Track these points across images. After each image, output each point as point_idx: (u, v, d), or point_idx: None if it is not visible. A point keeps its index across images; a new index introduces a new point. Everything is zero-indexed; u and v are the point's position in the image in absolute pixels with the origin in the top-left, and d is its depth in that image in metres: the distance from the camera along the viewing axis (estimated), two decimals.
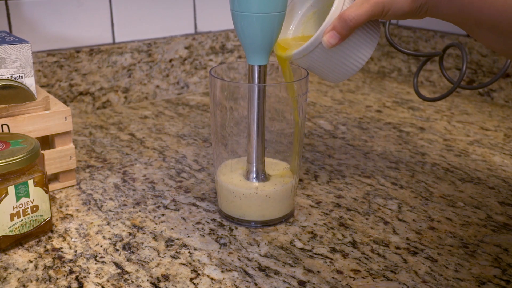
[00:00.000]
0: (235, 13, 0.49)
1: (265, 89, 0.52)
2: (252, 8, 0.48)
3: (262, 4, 0.48)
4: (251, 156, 0.54)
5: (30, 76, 0.59)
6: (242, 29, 0.50)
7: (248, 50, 0.51)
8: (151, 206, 0.59)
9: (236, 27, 0.50)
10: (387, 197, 0.61)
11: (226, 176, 0.55)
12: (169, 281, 0.46)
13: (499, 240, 0.53)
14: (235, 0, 0.49)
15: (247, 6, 0.48)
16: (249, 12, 0.48)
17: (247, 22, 0.49)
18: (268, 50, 0.51)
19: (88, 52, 0.86)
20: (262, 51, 0.51)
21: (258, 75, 0.52)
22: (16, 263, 0.49)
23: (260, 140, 0.53)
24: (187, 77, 0.98)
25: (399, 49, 0.59)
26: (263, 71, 0.52)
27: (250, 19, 0.48)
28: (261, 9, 0.48)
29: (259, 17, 0.48)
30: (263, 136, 0.54)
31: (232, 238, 0.53)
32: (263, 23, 0.49)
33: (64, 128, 0.60)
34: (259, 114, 0.52)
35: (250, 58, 0.51)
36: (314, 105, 0.93)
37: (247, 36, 0.50)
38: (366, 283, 0.46)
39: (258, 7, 0.48)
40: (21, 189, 0.49)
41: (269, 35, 0.50)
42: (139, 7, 0.90)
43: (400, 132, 0.81)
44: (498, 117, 0.88)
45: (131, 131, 0.80)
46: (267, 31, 0.49)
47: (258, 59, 0.51)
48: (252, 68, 0.52)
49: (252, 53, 0.51)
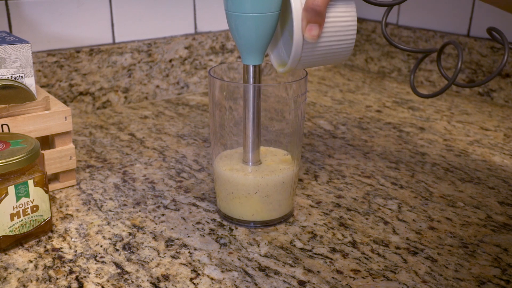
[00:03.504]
0: (229, 13, 0.49)
1: (260, 89, 0.52)
2: (246, 8, 0.48)
3: (256, 4, 0.48)
4: (247, 156, 0.54)
5: (30, 76, 0.59)
6: (237, 30, 0.50)
7: (242, 50, 0.51)
8: (151, 206, 0.59)
9: (230, 27, 0.50)
10: (387, 197, 0.61)
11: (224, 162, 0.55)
12: (169, 281, 0.46)
13: (499, 240, 0.53)
14: (229, 1, 0.49)
15: (241, 6, 0.48)
16: (243, 13, 0.48)
17: (241, 23, 0.49)
18: (262, 50, 0.51)
19: (88, 52, 0.86)
20: (257, 51, 0.51)
21: (253, 75, 0.52)
22: (16, 263, 0.49)
23: (256, 140, 0.53)
24: (187, 77, 0.98)
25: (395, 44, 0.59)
26: (258, 70, 0.52)
27: (244, 19, 0.48)
28: (255, 10, 0.48)
29: (253, 17, 0.48)
30: (259, 136, 0.53)
31: (232, 238, 0.53)
32: (257, 24, 0.49)
33: (64, 128, 0.60)
34: (254, 114, 0.52)
35: (245, 58, 0.51)
36: (314, 105, 0.93)
37: (242, 37, 0.50)
38: (366, 283, 0.46)
39: (251, 7, 0.48)
40: (21, 189, 0.49)
41: (263, 35, 0.50)
42: (139, 7, 0.90)
43: (400, 132, 0.81)
44: (498, 117, 0.88)
45: (131, 131, 0.80)
46: (262, 31, 0.49)
47: (252, 59, 0.51)
48: (247, 68, 0.52)
49: (246, 53, 0.51)
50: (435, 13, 1.02)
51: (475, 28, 0.96)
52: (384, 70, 1.13)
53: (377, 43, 1.12)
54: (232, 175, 0.53)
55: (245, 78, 0.52)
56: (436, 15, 1.02)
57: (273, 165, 0.55)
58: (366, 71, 1.16)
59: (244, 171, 0.54)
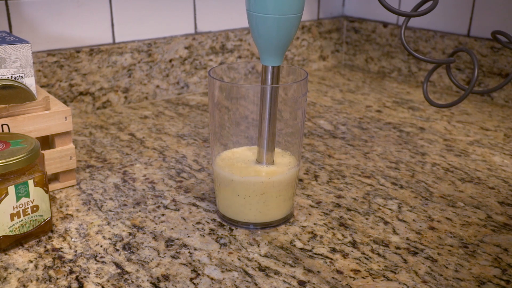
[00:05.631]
0: (251, 13, 0.48)
1: (277, 90, 0.51)
2: (269, 9, 0.47)
3: (279, 5, 0.47)
4: (261, 156, 0.54)
5: (30, 76, 0.59)
6: (258, 30, 0.49)
7: (262, 51, 0.50)
8: (151, 206, 0.59)
9: (251, 27, 0.50)
10: (387, 197, 0.61)
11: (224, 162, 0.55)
12: (169, 281, 0.46)
13: (499, 240, 0.53)
14: (251, 1, 0.48)
15: (263, 7, 0.47)
16: (265, 14, 0.47)
17: (263, 23, 0.48)
18: (282, 52, 0.50)
19: (88, 52, 0.86)
20: (277, 52, 0.50)
21: (271, 76, 0.51)
22: (16, 263, 0.49)
23: (271, 141, 0.53)
24: (187, 77, 0.98)
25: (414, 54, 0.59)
26: (276, 72, 0.51)
27: (266, 20, 0.48)
28: (278, 11, 0.47)
29: (275, 18, 0.47)
30: (274, 137, 0.53)
31: (232, 238, 0.53)
32: (279, 25, 0.48)
33: (64, 128, 0.60)
34: (270, 115, 0.52)
35: (264, 59, 0.51)
36: (314, 105, 0.93)
37: (262, 37, 0.49)
38: (366, 283, 0.46)
39: (274, 8, 0.47)
40: (21, 189, 0.49)
41: (284, 37, 0.49)
42: (139, 7, 0.90)
43: (400, 132, 0.81)
44: (498, 117, 0.88)
45: (131, 131, 0.80)
46: (283, 33, 0.48)
47: (272, 60, 0.50)
48: (265, 68, 0.51)
49: (266, 54, 0.50)
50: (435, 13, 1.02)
51: (475, 28, 0.96)
52: (384, 70, 1.13)
53: (377, 43, 1.12)
54: (232, 176, 0.53)
55: (263, 78, 0.52)
56: (436, 15, 1.02)
57: (273, 166, 0.55)
58: (366, 71, 1.16)
59: (244, 171, 0.54)
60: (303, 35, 1.12)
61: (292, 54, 1.12)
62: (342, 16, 1.19)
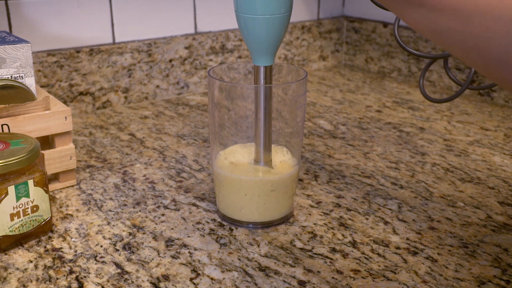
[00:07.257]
0: (239, 15, 0.49)
1: (271, 90, 0.52)
2: (257, 10, 0.47)
3: (267, 6, 0.47)
4: (259, 155, 0.54)
5: (30, 76, 0.59)
6: (247, 31, 0.49)
7: (253, 51, 0.50)
8: (151, 206, 0.59)
9: (240, 28, 0.50)
10: (387, 197, 0.61)
11: (224, 163, 0.55)
12: (169, 281, 0.46)
13: (499, 240, 0.53)
14: (239, 2, 0.48)
15: (251, 8, 0.47)
16: (253, 14, 0.48)
17: (252, 24, 0.48)
18: (273, 51, 0.50)
19: (88, 52, 0.86)
20: (267, 52, 0.50)
21: (264, 76, 0.51)
22: (16, 263, 0.49)
23: (267, 141, 0.53)
24: (187, 77, 0.98)
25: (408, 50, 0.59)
26: (269, 71, 0.51)
27: (254, 21, 0.48)
28: (266, 11, 0.47)
29: (264, 19, 0.48)
30: (270, 136, 0.53)
31: (232, 238, 0.53)
32: (268, 25, 0.48)
33: (64, 128, 0.60)
34: (266, 115, 0.52)
35: (255, 59, 0.51)
36: (314, 105, 0.93)
37: (252, 38, 0.49)
38: (366, 283, 0.46)
39: (262, 9, 0.47)
40: (21, 189, 0.49)
41: (274, 36, 0.49)
42: (139, 7, 0.90)
43: (400, 132, 0.81)
44: (498, 117, 0.88)
45: (131, 131, 0.80)
46: (273, 33, 0.49)
47: (263, 60, 0.51)
48: (258, 69, 0.51)
49: (257, 55, 0.50)
50: None
51: None
52: (384, 70, 1.13)
53: (377, 43, 1.12)
54: (231, 176, 0.53)
55: (256, 79, 0.52)
56: None
57: (273, 165, 0.55)
58: (366, 71, 1.16)
59: (244, 171, 0.54)
60: (303, 35, 1.12)
61: (292, 54, 1.12)
62: (342, 16, 1.19)
